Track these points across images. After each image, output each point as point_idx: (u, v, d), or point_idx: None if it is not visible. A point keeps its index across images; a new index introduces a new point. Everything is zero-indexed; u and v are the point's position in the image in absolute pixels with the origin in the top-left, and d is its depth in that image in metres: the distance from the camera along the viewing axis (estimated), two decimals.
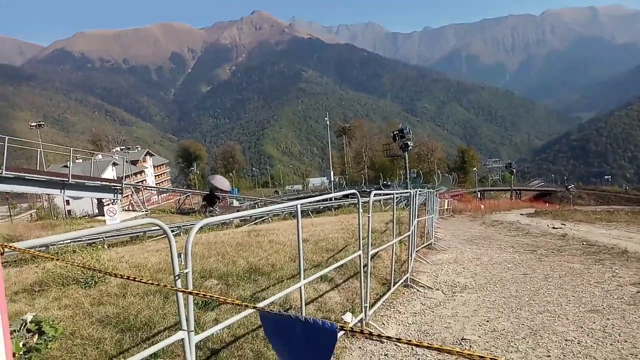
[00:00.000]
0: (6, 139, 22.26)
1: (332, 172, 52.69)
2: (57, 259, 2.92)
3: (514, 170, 72.39)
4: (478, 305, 6.34)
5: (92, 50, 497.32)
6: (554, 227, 16.27)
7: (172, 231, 2.83)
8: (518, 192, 75.08)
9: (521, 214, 27.89)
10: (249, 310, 3.89)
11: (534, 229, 16.18)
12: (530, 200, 62.28)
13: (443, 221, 21.40)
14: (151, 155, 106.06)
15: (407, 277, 7.43)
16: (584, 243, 11.45)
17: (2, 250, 2.00)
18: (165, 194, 64.71)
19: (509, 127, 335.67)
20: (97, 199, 31.84)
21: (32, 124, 54.87)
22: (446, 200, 29.10)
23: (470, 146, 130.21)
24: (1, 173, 21.95)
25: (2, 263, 1.98)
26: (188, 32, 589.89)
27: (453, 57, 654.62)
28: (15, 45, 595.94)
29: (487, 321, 5.64)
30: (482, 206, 36.26)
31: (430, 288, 7.32)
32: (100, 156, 51.45)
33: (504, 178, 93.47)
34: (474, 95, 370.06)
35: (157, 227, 2.91)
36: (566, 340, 4.88)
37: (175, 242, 2.83)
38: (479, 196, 61.46)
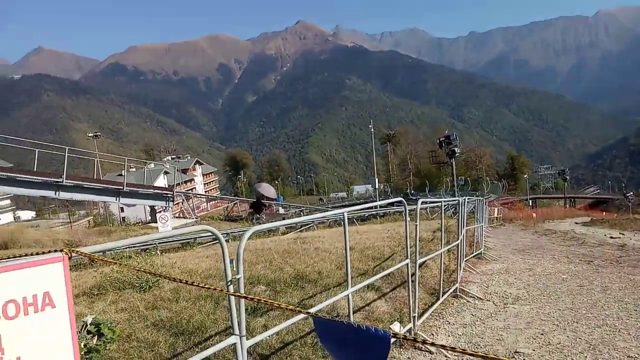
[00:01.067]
0: (66, 149, 23.51)
1: (376, 180, 52.35)
2: (117, 264, 3.06)
3: (567, 177, 69.61)
4: (531, 317, 6.12)
5: (144, 63, 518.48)
6: (611, 237, 15.50)
7: (223, 238, 2.91)
8: (572, 199, 71.99)
9: (576, 223, 26.71)
10: (298, 317, 3.93)
11: (590, 238, 15.47)
12: (586, 209, 59.47)
13: (493, 230, 20.81)
14: (200, 163, 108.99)
15: (457, 287, 7.28)
16: None
17: (69, 255, 2.12)
18: (213, 202, 66.29)
19: (561, 132, 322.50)
20: (150, 206, 33.00)
21: (90, 135, 57.69)
22: (496, 209, 28.27)
23: (521, 152, 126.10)
24: (62, 182, 23.16)
25: (68, 267, 2.10)
26: (234, 44, 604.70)
27: (501, 62, 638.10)
28: (73, 60, 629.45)
29: (542, 334, 5.44)
30: (534, 214, 34.96)
31: (481, 299, 7.13)
32: (152, 165, 53.39)
33: (557, 185, 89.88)
34: (524, 99, 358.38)
35: (208, 234, 3.00)
36: (628, 356, 4.64)
37: (227, 248, 2.91)
38: (530, 204, 59.40)
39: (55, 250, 2.12)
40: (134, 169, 46.86)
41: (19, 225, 34.95)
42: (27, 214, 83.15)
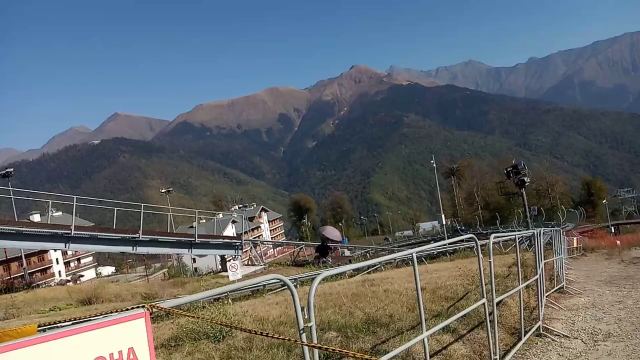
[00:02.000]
0: (142, 206, 24.86)
1: (443, 216, 50.97)
2: (193, 317, 3.16)
3: None
4: (627, 355, 5.61)
5: (209, 119, 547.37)
6: None
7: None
8: None
9: None
10: None
11: None
12: None
13: (573, 261, 19.51)
14: (266, 211, 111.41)
15: (539, 325, 6.83)
16: None
17: (151, 311, 2.22)
18: (280, 247, 67.12)
19: (639, 153, 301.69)
20: (220, 255, 33.91)
21: (162, 191, 60.94)
22: (575, 238, 26.52)
23: (596, 177, 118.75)
24: (139, 237, 24.40)
25: (150, 322, 2.21)
26: (293, 94, 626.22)
27: (564, 85, 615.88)
28: (145, 122, 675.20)
29: None
30: (618, 242, 32.46)
31: (567, 337, 6.64)
32: (221, 215, 55.21)
33: None
34: (594, 122, 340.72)
35: (278, 280, 3.04)
36: None
37: (297, 295, 2.93)
38: (612, 231, 55.48)
39: (138, 306, 2.23)
40: (204, 221, 48.60)
41: (100, 281, 37.01)
42: (107, 270, 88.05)
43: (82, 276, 72.13)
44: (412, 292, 8.60)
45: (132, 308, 2.22)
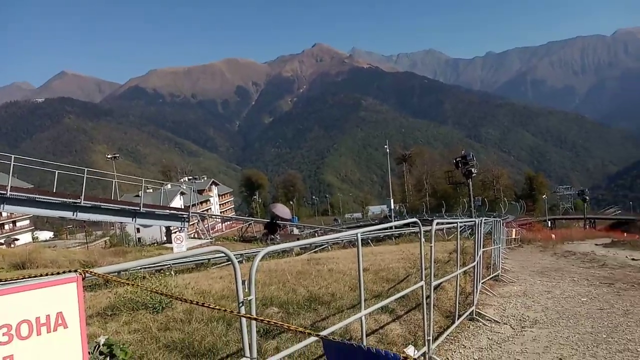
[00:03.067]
0: (85, 170, 23.90)
1: (392, 200, 52.10)
2: (131, 284, 3.08)
3: (587, 198, 68.37)
4: (550, 341, 5.97)
5: (163, 86, 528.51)
6: (633, 259, 15.14)
7: (236, 259, 2.91)
8: (592, 220, 70.61)
9: (596, 245, 26.17)
10: (310, 340, 3.89)
11: (611, 260, 15.12)
12: (606, 230, 58.21)
13: (511, 252, 20.48)
14: (216, 184, 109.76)
15: (473, 310, 7.14)
16: None
17: (83, 275, 2.14)
18: (229, 222, 66.53)
19: (580, 153, 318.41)
20: (166, 227, 33.25)
21: (108, 156, 58.70)
22: (514, 230, 27.81)
23: (539, 172, 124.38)
24: (80, 203, 23.50)
25: (82, 287, 2.12)
26: (252, 67, 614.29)
27: (518, 82, 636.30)
28: (95, 84, 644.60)
29: (560, 359, 5.29)
30: (553, 236, 34.33)
31: (498, 322, 6.99)
32: (169, 186, 53.96)
33: (577, 206, 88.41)
34: (542, 120, 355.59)
35: (222, 254, 3.01)
36: None
37: (239, 269, 2.91)
38: (549, 225, 58.47)
39: (70, 271, 2.15)
40: (151, 190, 47.38)
41: (36, 246, 35.44)
42: (45, 235, 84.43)
43: (16, 240, 68.82)
44: (355, 272, 8.75)
45: (64, 272, 2.13)
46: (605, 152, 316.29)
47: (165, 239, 36.29)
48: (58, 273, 2.12)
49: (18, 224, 75.73)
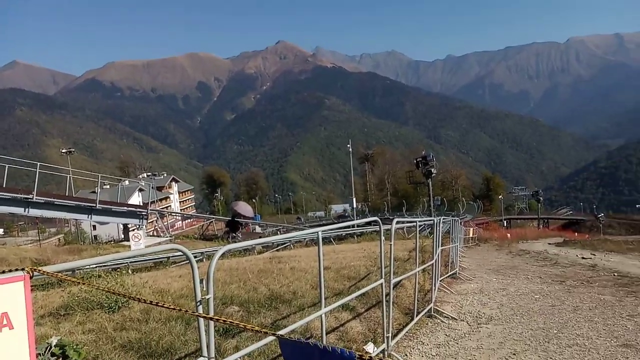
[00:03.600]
0: (37, 165, 22.98)
1: (354, 199, 52.51)
2: (84, 284, 2.97)
3: (541, 199, 70.88)
4: (504, 337, 6.16)
5: (122, 79, 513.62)
6: (583, 257, 15.82)
7: (195, 257, 2.86)
8: (546, 220, 73.36)
9: (549, 244, 27.21)
10: (270, 338, 3.86)
11: (563, 259, 15.76)
12: (559, 229, 60.68)
13: (468, 250, 21.02)
14: (176, 181, 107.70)
15: (431, 307, 7.28)
16: (616, 274, 11.08)
17: (31, 274, 2.05)
18: (189, 220, 65.43)
19: (535, 155, 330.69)
20: (123, 224, 32.38)
21: (63, 151, 56.53)
22: (471, 229, 28.57)
23: (496, 174, 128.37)
24: (32, 198, 22.57)
25: (30, 286, 2.03)
26: (214, 62, 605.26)
27: (476, 85, 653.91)
28: (49, 75, 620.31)
29: (514, 354, 5.47)
30: (509, 235, 35.49)
31: (455, 319, 7.15)
32: (127, 182, 52.54)
33: (531, 206, 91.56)
34: (498, 122, 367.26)
35: (181, 253, 2.95)
36: None
37: (198, 268, 2.86)
38: (505, 225, 60.34)
39: (17, 269, 2.05)
40: (108, 186, 45.98)
41: None
42: None
43: None
44: (317, 270, 8.78)
45: (10, 270, 2.03)
46: (558, 155, 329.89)
47: (122, 236, 35.34)
48: (4, 272, 2.02)
49: None
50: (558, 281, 10.49)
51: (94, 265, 10.77)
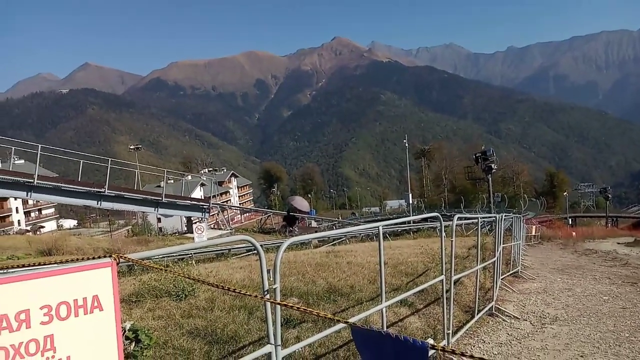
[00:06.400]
0: (109, 161, 24.32)
1: (410, 195, 51.76)
2: (167, 271, 3.18)
3: (609, 196, 66.88)
4: (570, 338, 5.94)
5: (184, 78, 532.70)
6: None
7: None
8: (614, 219, 69.14)
9: (618, 243, 25.71)
10: (332, 329, 3.96)
11: (634, 259, 14.87)
12: (629, 229, 56.93)
13: (530, 248, 20.26)
14: (236, 176, 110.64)
15: (492, 306, 7.13)
16: None
17: (117, 261, 2.23)
18: (248, 214, 67.09)
19: (603, 150, 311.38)
20: (186, 217, 33.68)
21: (131, 147, 59.51)
22: (534, 227, 27.47)
23: (560, 169, 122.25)
24: (104, 192, 23.95)
25: (116, 272, 2.21)
26: (271, 60, 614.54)
27: (539, 77, 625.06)
28: (117, 76, 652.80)
29: (581, 356, 5.27)
30: (574, 233, 33.81)
31: (517, 318, 6.96)
32: (190, 177, 54.57)
33: (598, 204, 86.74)
34: (563, 115, 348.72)
35: (242, 245, 3.08)
36: None
37: (265, 258, 2.98)
38: (570, 223, 57.52)
39: (105, 256, 2.24)
40: (172, 181, 47.96)
41: (62, 233, 36.28)
42: (69, 223, 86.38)
43: (42, 227, 70.57)
44: (374, 265, 8.80)
45: (99, 257, 2.22)
46: (629, 149, 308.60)
47: (185, 229, 36.79)
48: (94, 258, 2.22)
49: (44, 212, 77.68)
50: (629, 282, 9.92)
51: (162, 256, 11.31)
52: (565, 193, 76.30)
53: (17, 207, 69.74)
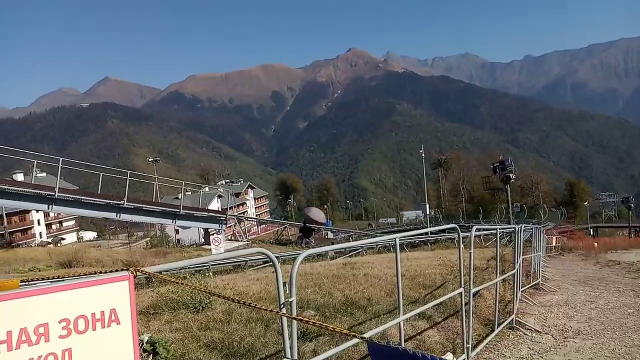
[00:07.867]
0: (128, 173, 24.68)
1: (427, 206, 51.40)
2: (184, 284, 3.19)
3: (632, 205, 65.42)
4: (594, 353, 5.78)
5: (201, 91, 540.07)
6: None
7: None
8: (637, 229, 67.62)
9: None
10: (349, 343, 3.92)
11: None
12: None
13: (551, 259, 19.88)
14: (252, 188, 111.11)
15: (513, 319, 6.99)
16: None
17: (134, 274, 2.24)
18: (264, 225, 67.22)
19: (624, 158, 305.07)
20: (204, 228, 33.89)
21: (150, 159, 60.30)
22: (554, 237, 26.99)
23: (580, 179, 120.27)
24: (123, 204, 24.26)
25: (134, 286, 2.23)
26: (287, 72, 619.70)
27: (557, 86, 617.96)
28: (137, 89, 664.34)
29: None
30: (596, 244, 33.05)
31: (539, 332, 6.81)
32: (207, 189, 55.00)
33: (620, 214, 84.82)
34: (583, 124, 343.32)
35: (259, 256, 3.07)
36: None
37: (281, 271, 2.96)
38: (591, 233, 56.39)
39: (122, 269, 2.25)
40: (190, 193, 48.46)
41: (82, 245, 36.79)
42: (89, 235, 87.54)
43: (63, 239, 71.62)
44: (391, 277, 8.73)
45: (117, 270, 2.24)
46: None
47: (203, 240, 36.98)
48: (112, 271, 2.23)
49: (64, 224, 79.02)
50: None
51: (184, 267, 11.37)
52: (586, 203, 74.90)
53: (38, 220, 71.03)
